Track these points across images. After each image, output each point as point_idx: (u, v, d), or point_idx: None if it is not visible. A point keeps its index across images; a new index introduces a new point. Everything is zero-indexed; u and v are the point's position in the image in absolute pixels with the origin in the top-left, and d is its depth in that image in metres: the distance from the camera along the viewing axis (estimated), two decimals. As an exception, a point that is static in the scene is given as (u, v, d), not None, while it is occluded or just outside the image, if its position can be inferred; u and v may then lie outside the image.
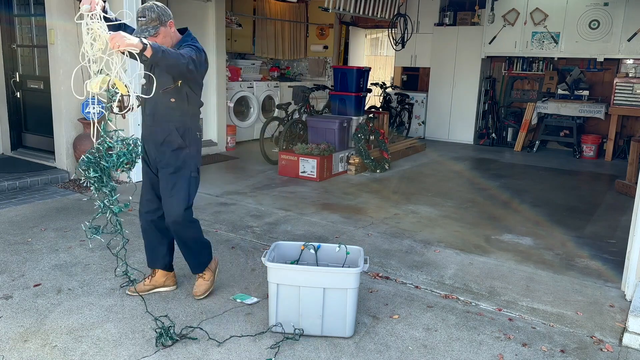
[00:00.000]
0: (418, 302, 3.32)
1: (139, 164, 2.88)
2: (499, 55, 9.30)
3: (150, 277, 3.31)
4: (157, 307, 3.12)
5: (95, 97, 2.49)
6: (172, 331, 2.75)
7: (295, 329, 2.84)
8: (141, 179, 3.41)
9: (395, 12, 8.54)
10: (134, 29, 2.94)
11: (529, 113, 8.94)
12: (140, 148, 2.64)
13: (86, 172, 2.47)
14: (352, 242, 4.22)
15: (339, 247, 3.06)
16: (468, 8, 9.55)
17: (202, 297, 3.22)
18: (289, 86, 8.86)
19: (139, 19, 2.85)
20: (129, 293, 3.22)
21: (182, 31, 3.12)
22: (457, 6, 9.73)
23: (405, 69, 10.78)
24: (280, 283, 2.80)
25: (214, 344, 2.74)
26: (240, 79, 8.68)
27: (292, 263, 3.02)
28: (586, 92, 8.60)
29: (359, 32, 11.90)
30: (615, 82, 8.15)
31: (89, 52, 2.48)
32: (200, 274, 3.27)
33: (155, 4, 2.89)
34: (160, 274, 3.30)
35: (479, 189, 6.22)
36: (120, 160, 2.52)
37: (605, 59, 8.32)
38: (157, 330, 2.74)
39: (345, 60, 11.28)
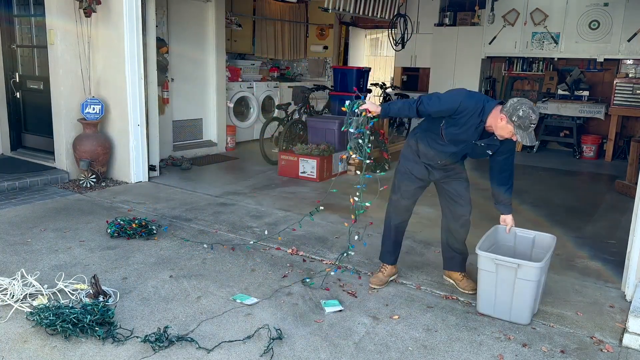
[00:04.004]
0: (418, 302, 3.32)
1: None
2: (499, 55, 9.30)
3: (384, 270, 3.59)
4: (157, 308, 3.11)
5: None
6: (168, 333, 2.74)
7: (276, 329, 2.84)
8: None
9: (395, 13, 8.54)
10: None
11: (529, 113, 8.92)
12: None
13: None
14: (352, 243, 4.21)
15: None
16: (468, 8, 9.55)
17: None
18: (289, 86, 8.86)
19: (532, 125, 2.91)
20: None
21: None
22: (457, 6, 9.72)
23: (405, 70, 10.77)
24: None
25: (213, 345, 2.74)
26: (240, 79, 8.67)
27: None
28: (586, 93, 8.60)
29: (359, 33, 11.89)
30: (615, 82, 8.14)
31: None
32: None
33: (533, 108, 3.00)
34: (391, 268, 3.60)
35: (478, 190, 6.20)
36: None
37: (605, 59, 8.31)
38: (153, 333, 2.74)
39: (345, 61, 11.28)
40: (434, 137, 3.25)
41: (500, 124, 2.95)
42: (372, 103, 3.22)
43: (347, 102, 3.19)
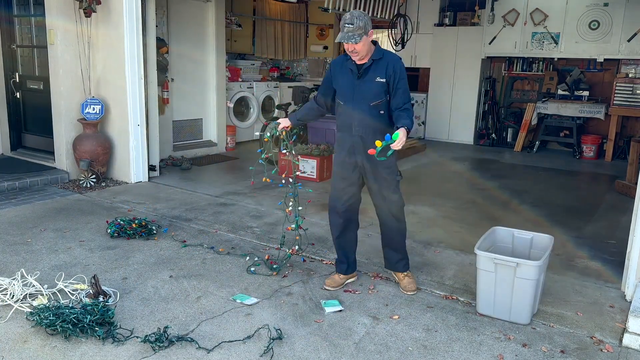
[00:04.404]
0: (418, 302, 3.32)
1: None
2: (498, 55, 9.29)
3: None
4: (157, 308, 3.11)
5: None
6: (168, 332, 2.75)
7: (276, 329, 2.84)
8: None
9: (395, 13, 8.54)
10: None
11: (528, 113, 8.94)
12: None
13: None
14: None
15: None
16: (468, 8, 9.54)
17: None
18: (289, 86, 8.86)
19: (346, 24, 3.03)
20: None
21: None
22: (457, 6, 9.72)
23: (405, 69, 10.75)
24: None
25: (213, 345, 2.74)
26: (240, 79, 8.67)
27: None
28: (586, 93, 8.60)
29: (358, 33, 11.88)
30: (615, 82, 8.14)
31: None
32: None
33: (363, 13, 3.09)
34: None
35: (479, 190, 6.22)
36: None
37: (605, 60, 8.31)
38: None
39: (345, 61, 11.25)
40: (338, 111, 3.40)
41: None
42: (284, 119, 3.53)
43: (266, 133, 3.61)
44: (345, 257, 3.51)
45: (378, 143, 2.93)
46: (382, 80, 3.17)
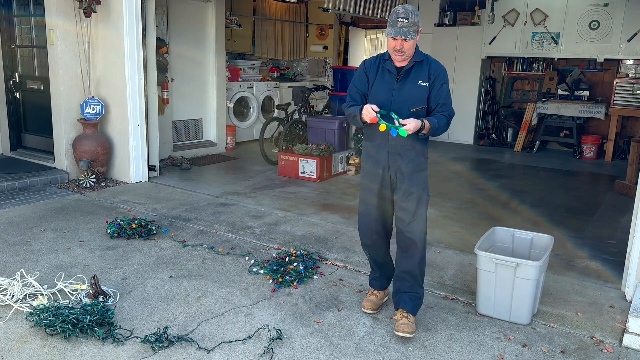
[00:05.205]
0: (418, 302, 3.31)
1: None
2: (499, 55, 9.30)
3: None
4: (157, 308, 3.11)
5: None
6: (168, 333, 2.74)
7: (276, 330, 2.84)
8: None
9: (395, 13, 8.52)
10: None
11: (529, 113, 8.94)
12: None
13: None
14: (352, 243, 4.22)
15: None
16: (468, 8, 9.55)
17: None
18: (289, 86, 8.85)
19: (400, 19, 2.73)
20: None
21: None
22: (457, 6, 9.72)
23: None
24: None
25: (213, 345, 2.74)
26: (240, 79, 8.67)
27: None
28: (586, 93, 8.60)
29: (359, 33, 11.88)
30: (615, 82, 8.14)
31: None
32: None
33: (416, 9, 2.81)
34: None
35: (478, 190, 6.22)
36: None
37: (605, 60, 8.31)
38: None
39: (345, 61, 11.27)
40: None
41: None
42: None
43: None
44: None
45: (382, 127, 2.70)
46: (424, 84, 2.86)
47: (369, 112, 2.75)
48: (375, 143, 2.97)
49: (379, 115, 2.74)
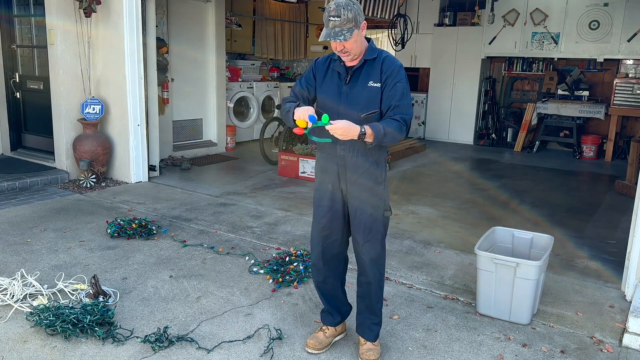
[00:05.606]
0: (418, 302, 3.32)
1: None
2: (498, 55, 9.29)
3: None
4: (157, 308, 3.11)
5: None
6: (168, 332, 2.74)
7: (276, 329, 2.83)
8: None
9: (395, 13, 8.53)
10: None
11: (528, 113, 8.94)
12: None
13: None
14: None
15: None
16: (468, 8, 9.55)
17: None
18: (289, 86, 8.86)
19: (332, 18, 2.33)
20: None
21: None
22: (457, 6, 9.72)
23: (405, 70, 10.76)
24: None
25: (213, 345, 2.74)
26: (240, 80, 8.68)
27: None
28: (586, 93, 8.60)
29: (358, 33, 11.89)
30: (615, 82, 8.14)
31: None
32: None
33: (352, 1, 2.36)
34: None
35: (478, 190, 6.22)
36: None
37: (605, 60, 8.31)
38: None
39: (345, 61, 11.27)
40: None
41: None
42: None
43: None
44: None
45: (302, 123, 2.31)
46: (376, 85, 2.46)
47: (302, 114, 2.33)
48: (324, 153, 2.59)
49: (312, 123, 2.32)
